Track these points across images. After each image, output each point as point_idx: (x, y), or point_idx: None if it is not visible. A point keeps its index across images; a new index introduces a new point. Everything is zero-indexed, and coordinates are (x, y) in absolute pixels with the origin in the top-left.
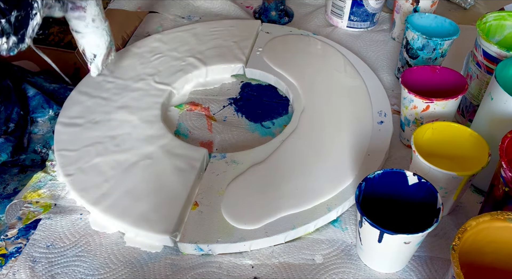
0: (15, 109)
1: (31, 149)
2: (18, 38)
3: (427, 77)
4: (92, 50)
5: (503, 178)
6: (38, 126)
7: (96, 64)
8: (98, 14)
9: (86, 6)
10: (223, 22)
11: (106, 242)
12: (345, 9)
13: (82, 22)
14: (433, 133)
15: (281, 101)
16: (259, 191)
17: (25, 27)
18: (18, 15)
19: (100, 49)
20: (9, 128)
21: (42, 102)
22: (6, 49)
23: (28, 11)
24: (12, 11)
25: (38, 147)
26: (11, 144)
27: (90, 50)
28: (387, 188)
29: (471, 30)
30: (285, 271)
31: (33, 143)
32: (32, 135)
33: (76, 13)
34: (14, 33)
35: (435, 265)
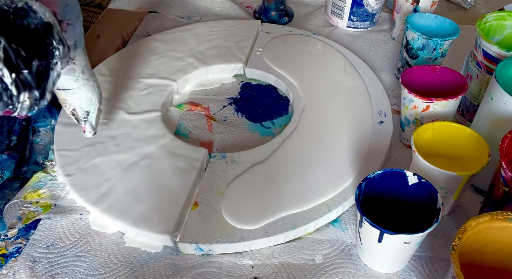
0: (17, 120)
1: (33, 160)
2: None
3: (427, 77)
4: (84, 107)
5: (503, 178)
6: (40, 136)
7: (91, 123)
8: (87, 64)
9: (75, 56)
10: (223, 22)
11: (106, 242)
12: (345, 9)
13: (72, 76)
14: (433, 133)
15: (281, 101)
16: (259, 191)
17: (46, 80)
18: (39, 64)
19: (93, 105)
20: (11, 141)
21: (44, 110)
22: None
23: (48, 61)
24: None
25: (40, 159)
26: (14, 160)
27: (82, 108)
28: (387, 188)
29: (471, 30)
30: (285, 271)
31: (34, 154)
32: (34, 145)
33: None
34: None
35: (435, 265)
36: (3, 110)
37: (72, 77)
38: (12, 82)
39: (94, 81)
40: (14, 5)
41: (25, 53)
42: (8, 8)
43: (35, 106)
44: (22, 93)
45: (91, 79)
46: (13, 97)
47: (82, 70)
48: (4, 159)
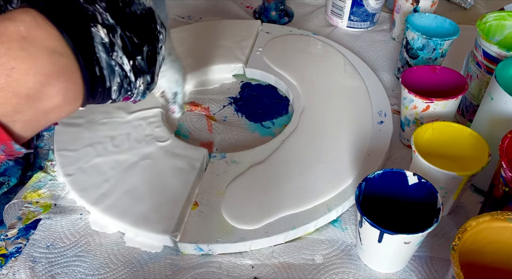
0: None
1: (37, 165)
2: (151, 77)
3: (427, 77)
4: (172, 89)
5: (503, 178)
6: (44, 140)
7: (179, 103)
8: (172, 46)
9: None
10: (223, 22)
11: (106, 242)
12: (345, 9)
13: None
14: (433, 133)
15: (281, 101)
16: (259, 191)
17: (154, 64)
18: (148, 50)
19: (180, 85)
20: None
21: None
22: (142, 91)
23: (155, 45)
24: (144, 45)
25: (44, 163)
26: (20, 167)
27: (170, 89)
28: (387, 188)
29: (471, 30)
30: (285, 271)
31: (39, 159)
32: (38, 150)
33: None
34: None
35: (435, 265)
36: (123, 96)
37: None
38: (130, 69)
39: (179, 61)
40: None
41: (137, 39)
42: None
43: (147, 90)
44: (138, 78)
45: (177, 60)
46: (131, 83)
47: (169, 52)
48: (10, 166)
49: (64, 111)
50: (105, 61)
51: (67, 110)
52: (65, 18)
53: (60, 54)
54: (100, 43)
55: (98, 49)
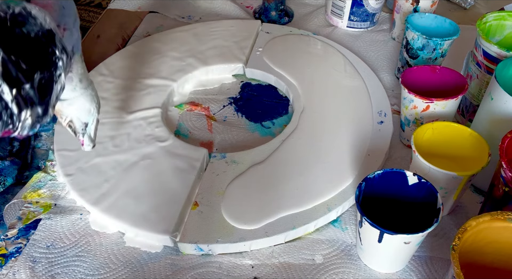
0: None
1: (35, 166)
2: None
3: (427, 77)
4: (82, 119)
5: (503, 178)
6: (42, 141)
7: (89, 135)
8: (84, 72)
9: (72, 64)
10: (223, 22)
11: (106, 242)
12: (345, 9)
13: (69, 85)
14: (433, 133)
15: (281, 101)
16: (259, 191)
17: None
18: (41, 77)
19: (92, 115)
20: (14, 147)
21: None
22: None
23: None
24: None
25: (42, 164)
26: (16, 167)
27: (80, 119)
28: (387, 188)
29: (471, 30)
30: (285, 271)
31: (36, 159)
32: (35, 150)
33: None
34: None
35: (435, 265)
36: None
37: (69, 86)
38: (12, 99)
39: (92, 89)
40: (11, 10)
41: (26, 65)
42: (5, 14)
43: (37, 124)
44: (24, 110)
45: (89, 87)
46: (14, 116)
47: (80, 78)
48: (6, 165)
49: None
50: None
51: None
52: None
53: None
54: None
55: None
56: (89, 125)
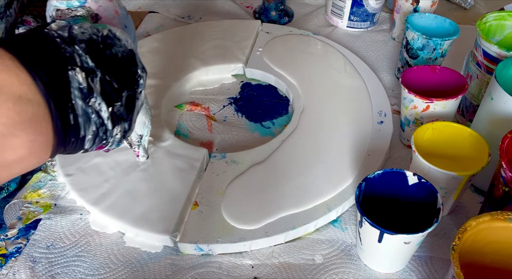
0: None
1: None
2: (128, 124)
3: (427, 77)
4: (138, 131)
5: (503, 178)
6: None
7: (144, 146)
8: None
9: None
10: (223, 22)
11: (106, 242)
12: (345, 9)
13: None
14: (433, 133)
15: (281, 101)
16: (259, 191)
17: (133, 110)
18: (128, 95)
19: (146, 127)
20: None
21: None
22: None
23: (135, 90)
24: (124, 91)
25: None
26: None
27: (136, 132)
28: (387, 188)
29: (471, 30)
30: (285, 271)
31: None
32: None
33: None
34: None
35: (435, 265)
36: (97, 145)
37: None
38: (108, 116)
39: (147, 103)
40: (100, 33)
41: (117, 84)
42: (97, 37)
43: (123, 139)
44: (116, 127)
45: (145, 101)
46: (108, 131)
47: None
48: None
49: (30, 164)
50: (81, 108)
51: (32, 163)
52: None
53: (29, 101)
54: (77, 88)
55: (75, 95)
56: (143, 137)
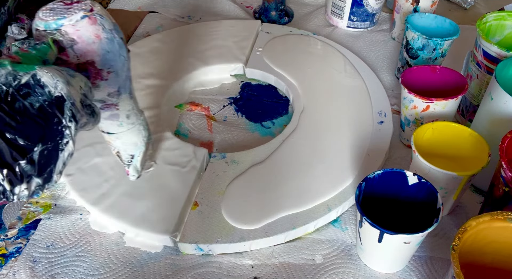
0: None
1: None
2: (44, 177)
3: (427, 77)
4: (129, 151)
5: (503, 178)
6: None
7: (135, 166)
8: (133, 108)
9: (118, 102)
10: (223, 22)
11: (106, 242)
12: (345, 9)
13: (115, 121)
14: (433, 133)
15: (281, 101)
16: (259, 191)
17: (54, 163)
18: (43, 149)
19: (138, 148)
20: None
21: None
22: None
23: (57, 142)
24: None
25: None
26: None
27: (126, 152)
28: (387, 188)
29: (471, 30)
30: (285, 271)
31: None
32: None
33: (107, 113)
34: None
35: (435, 265)
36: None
37: (115, 122)
38: (3, 178)
39: (140, 124)
40: (16, 81)
41: (24, 140)
42: (8, 87)
43: (39, 191)
44: (18, 186)
45: (137, 122)
46: (6, 191)
47: (127, 115)
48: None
49: None
50: None
51: None
52: None
53: None
54: None
55: None
56: (135, 157)
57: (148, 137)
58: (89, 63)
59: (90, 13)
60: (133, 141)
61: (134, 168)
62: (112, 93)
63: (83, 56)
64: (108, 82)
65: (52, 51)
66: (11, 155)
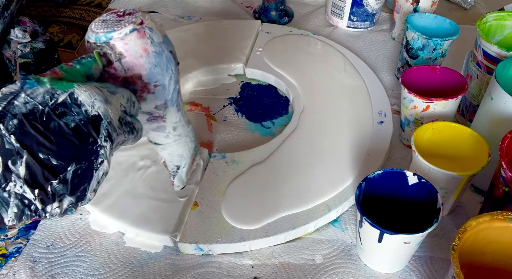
0: None
1: None
2: (77, 196)
3: (427, 77)
4: (174, 162)
5: (503, 178)
6: None
7: (180, 177)
8: (180, 120)
9: (165, 114)
10: (223, 22)
11: (106, 242)
12: (345, 9)
13: (162, 133)
14: (433, 133)
15: (281, 101)
16: (259, 191)
17: (88, 182)
18: (77, 168)
19: (184, 160)
20: None
21: None
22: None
23: (91, 161)
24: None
25: None
26: None
27: (172, 162)
28: (387, 188)
29: (471, 30)
30: (285, 271)
31: None
32: None
33: (155, 124)
34: (70, 193)
35: (435, 265)
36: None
37: (162, 133)
38: (35, 198)
39: (186, 135)
40: (53, 100)
41: (57, 160)
42: (44, 107)
43: (72, 209)
44: (50, 205)
45: (184, 134)
46: (38, 210)
47: (174, 127)
48: None
49: None
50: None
51: None
52: None
53: None
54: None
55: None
56: (180, 168)
57: (194, 149)
58: (137, 77)
59: (140, 27)
60: (179, 153)
61: (179, 179)
62: (159, 106)
63: (130, 69)
64: (155, 95)
65: (98, 65)
66: (43, 175)
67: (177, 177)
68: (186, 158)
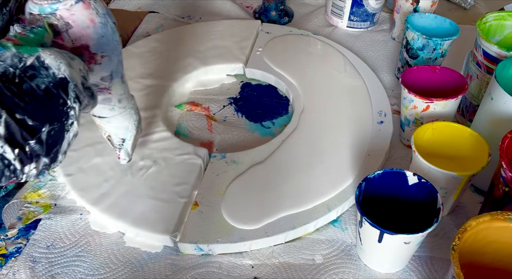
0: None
1: None
2: (51, 157)
3: (427, 77)
4: (120, 135)
5: (503, 178)
6: None
7: (126, 150)
8: (124, 93)
9: (111, 86)
10: (223, 22)
11: (106, 242)
12: (345, 9)
13: (107, 106)
14: (433, 133)
15: (281, 101)
16: (259, 191)
17: (60, 143)
18: (50, 129)
19: (129, 132)
20: None
21: None
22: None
23: (62, 122)
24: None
25: None
26: None
27: (117, 135)
28: (387, 188)
29: (471, 30)
30: (285, 271)
31: None
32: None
33: (101, 96)
34: (45, 154)
35: (435, 265)
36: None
37: (107, 106)
38: (15, 158)
39: (131, 108)
40: (22, 63)
41: (33, 120)
42: (15, 69)
43: (45, 171)
44: (28, 165)
45: (128, 106)
46: (17, 170)
47: (119, 99)
48: None
49: None
50: None
51: None
52: None
53: None
54: None
55: None
56: (126, 140)
57: (138, 121)
58: (84, 47)
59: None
60: (125, 125)
61: (125, 152)
62: (105, 77)
63: (77, 40)
64: (101, 66)
65: (49, 35)
66: (21, 135)
67: (123, 150)
68: (132, 130)
